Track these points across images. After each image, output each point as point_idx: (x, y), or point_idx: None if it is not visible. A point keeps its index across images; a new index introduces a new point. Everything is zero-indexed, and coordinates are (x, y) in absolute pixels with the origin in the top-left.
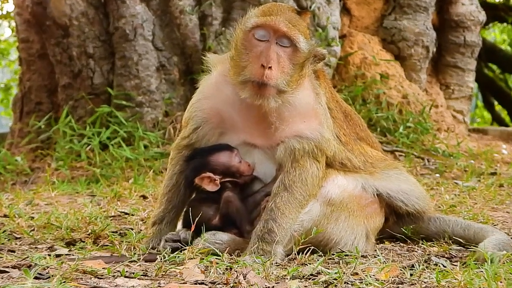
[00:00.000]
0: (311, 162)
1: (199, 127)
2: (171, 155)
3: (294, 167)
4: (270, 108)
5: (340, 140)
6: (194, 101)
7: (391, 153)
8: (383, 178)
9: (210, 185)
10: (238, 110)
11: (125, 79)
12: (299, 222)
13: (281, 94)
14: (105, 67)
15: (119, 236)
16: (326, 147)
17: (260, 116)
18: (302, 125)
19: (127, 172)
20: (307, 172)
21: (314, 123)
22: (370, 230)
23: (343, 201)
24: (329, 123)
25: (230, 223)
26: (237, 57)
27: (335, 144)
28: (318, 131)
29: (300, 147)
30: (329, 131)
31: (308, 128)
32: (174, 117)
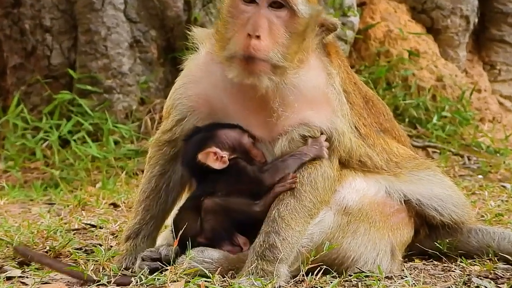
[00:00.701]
0: (321, 160)
1: (184, 118)
2: (149, 153)
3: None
4: (264, 88)
5: (359, 132)
6: (177, 86)
7: (423, 149)
8: (412, 181)
9: (216, 163)
10: (232, 96)
11: (90, 59)
12: (308, 235)
13: (278, 71)
14: (66, 44)
15: (85, 253)
16: (340, 141)
17: (258, 102)
18: (309, 112)
19: (93, 175)
20: (317, 172)
21: (325, 111)
22: (396, 245)
23: (363, 210)
24: (344, 110)
25: (221, 236)
26: (222, 27)
27: (352, 137)
28: (330, 120)
29: (309, 133)
30: (345, 121)
31: (318, 116)
32: (152, 105)
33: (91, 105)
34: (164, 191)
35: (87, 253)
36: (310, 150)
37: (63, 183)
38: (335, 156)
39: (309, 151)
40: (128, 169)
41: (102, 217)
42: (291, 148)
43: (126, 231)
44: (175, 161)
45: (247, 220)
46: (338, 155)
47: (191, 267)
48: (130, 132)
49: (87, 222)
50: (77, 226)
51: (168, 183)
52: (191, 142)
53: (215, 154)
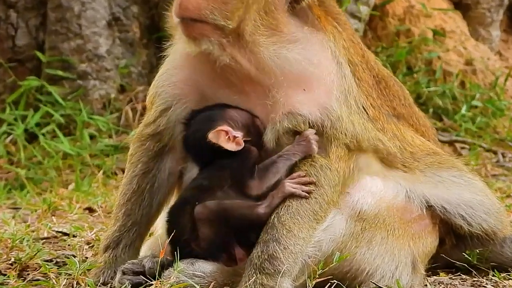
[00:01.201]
0: (320, 152)
1: (169, 108)
2: (131, 150)
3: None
4: (221, 58)
5: (367, 114)
6: (161, 72)
7: (449, 144)
8: (435, 184)
9: (229, 143)
10: (218, 79)
11: (61, 39)
12: (315, 243)
13: (222, 33)
14: (33, 22)
15: (56, 266)
16: (337, 128)
17: (245, 83)
18: (299, 97)
19: (65, 174)
20: (315, 167)
21: (317, 91)
22: (418, 257)
23: (380, 215)
24: (347, 86)
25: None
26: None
27: (356, 119)
28: (322, 105)
29: (296, 126)
30: (345, 100)
31: (307, 102)
32: (133, 93)
33: (63, 93)
34: (148, 193)
35: (58, 265)
36: (298, 148)
37: (30, 184)
38: (333, 146)
39: (297, 149)
40: (105, 168)
41: (76, 224)
42: (280, 143)
43: (104, 240)
44: (161, 158)
45: (249, 226)
46: (340, 143)
47: (180, 281)
48: (108, 125)
49: (58, 230)
50: (47, 234)
51: (153, 184)
52: (196, 121)
53: (226, 133)
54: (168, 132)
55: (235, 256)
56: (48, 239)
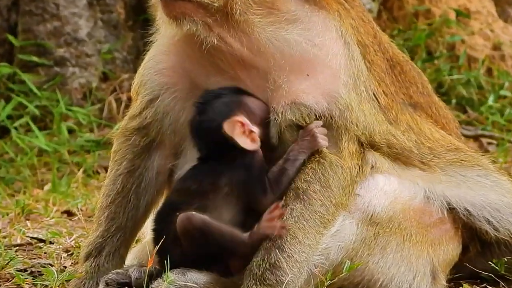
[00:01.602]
0: (330, 148)
1: (156, 98)
2: (115, 146)
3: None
4: (208, 39)
5: (378, 102)
6: (148, 58)
7: (474, 139)
8: (457, 183)
9: (243, 138)
10: (210, 65)
11: (36, 21)
12: (323, 251)
13: (211, 12)
14: (4, 1)
15: (31, 277)
16: (347, 117)
17: (241, 68)
18: (303, 84)
19: (40, 173)
20: (324, 166)
21: (322, 76)
22: (439, 266)
23: (394, 218)
24: (356, 69)
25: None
26: None
27: (367, 107)
28: (328, 92)
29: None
30: (354, 85)
31: (312, 88)
32: (117, 82)
33: (38, 81)
34: (134, 194)
35: (33, 276)
36: (303, 145)
37: (1, 184)
38: (344, 140)
39: (302, 147)
40: (86, 166)
41: (53, 229)
42: (283, 139)
43: (85, 247)
44: (148, 155)
45: (228, 252)
46: (352, 136)
47: None
48: (89, 118)
49: (33, 236)
50: (20, 240)
51: (139, 183)
52: (212, 106)
53: (243, 125)
54: (155, 125)
55: (230, 267)
56: (21, 246)
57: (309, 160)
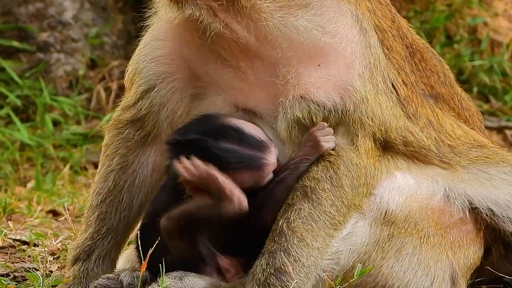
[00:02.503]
0: (343, 144)
1: (152, 88)
2: (106, 139)
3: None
4: (213, 26)
5: (397, 93)
6: (143, 44)
7: (498, 131)
8: (480, 181)
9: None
10: (215, 56)
11: (17, 3)
12: (333, 255)
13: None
14: None
15: (14, 282)
16: (363, 112)
17: (245, 58)
18: (313, 76)
19: (23, 170)
20: (338, 164)
21: (335, 67)
22: (459, 270)
23: (410, 218)
24: (370, 59)
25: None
26: None
27: (384, 100)
28: (342, 85)
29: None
30: (370, 77)
31: (323, 81)
32: (106, 69)
33: (19, 69)
34: (127, 192)
35: (17, 281)
36: (305, 151)
37: None
38: (360, 137)
39: (304, 153)
40: (73, 162)
41: (37, 231)
42: (294, 135)
43: (73, 250)
44: (142, 150)
45: (223, 227)
46: (368, 132)
47: None
48: (76, 109)
49: (16, 238)
50: (2, 243)
51: (133, 181)
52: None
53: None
54: (151, 117)
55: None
56: (3, 249)
57: (321, 157)
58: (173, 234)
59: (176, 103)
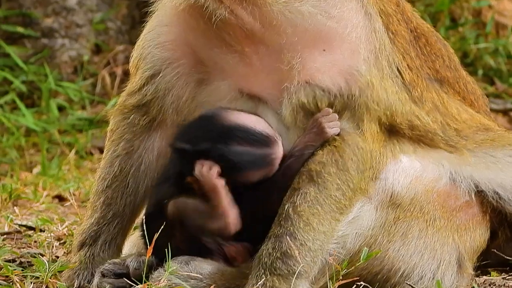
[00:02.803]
0: (349, 128)
1: (157, 74)
2: (111, 124)
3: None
4: (218, 12)
5: (402, 78)
6: (148, 29)
7: (503, 113)
8: (486, 164)
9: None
10: (221, 41)
11: None
12: (339, 239)
13: None
14: None
15: (20, 267)
16: (369, 97)
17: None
18: (318, 61)
19: (28, 155)
20: (345, 148)
21: (339, 52)
22: (465, 253)
23: (416, 200)
24: (376, 44)
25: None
26: None
27: (390, 85)
28: (347, 69)
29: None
30: (376, 61)
31: (328, 66)
32: (111, 55)
33: (24, 55)
34: (133, 177)
35: (23, 266)
36: (310, 138)
37: None
38: (366, 121)
39: (309, 139)
40: (78, 147)
41: (43, 216)
42: (299, 120)
43: (79, 235)
44: (148, 135)
45: (210, 233)
46: (373, 116)
47: (172, 285)
48: (81, 94)
49: (22, 223)
50: (8, 228)
51: (138, 166)
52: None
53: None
54: (156, 103)
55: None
56: (9, 235)
57: (326, 141)
58: (178, 222)
59: (181, 89)
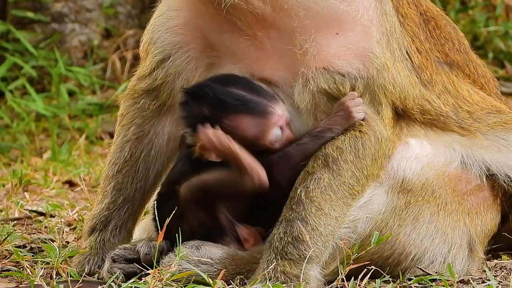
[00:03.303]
0: (371, 114)
1: (167, 58)
2: (122, 109)
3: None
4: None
5: (411, 61)
6: (158, 14)
7: None
8: (497, 148)
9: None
10: (230, 25)
11: None
12: (350, 223)
13: None
14: None
15: (31, 253)
16: (384, 79)
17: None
18: (332, 45)
19: (39, 140)
20: (370, 135)
21: (353, 35)
22: (476, 237)
23: (427, 185)
24: (387, 26)
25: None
26: None
27: (401, 68)
28: (362, 52)
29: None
30: (387, 43)
31: (343, 49)
32: (121, 39)
33: (34, 40)
34: (143, 162)
35: (33, 252)
36: (335, 121)
37: None
38: (384, 106)
39: (334, 123)
40: (88, 132)
41: (54, 201)
42: (323, 105)
43: (89, 220)
44: (158, 120)
45: (244, 199)
46: (389, 100)
47: (183, 270)
48: (91, 79)
49: (32, 209)
50: (18, 214)
51: (149, 151)
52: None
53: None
54: (166, 87)
55: (241, 236)
56: (20, 220)
57: (351, 127)
58: (191, 203)
59: (191, 73)
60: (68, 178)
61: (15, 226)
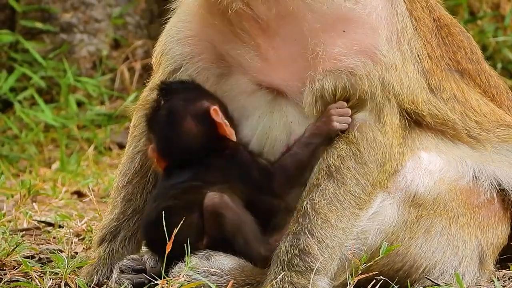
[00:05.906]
0: (370, 121)
1: (179, 69)
2: (134, 120)
3: (340, 134)
4: (233, 4)
5: (421, 65)
6: (170, 26)
7: None
8: (508, 162)
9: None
10: (238, 36)
11: None
12: (359, 235)
13: None
14: None
15: (39, 264)
16: (392, 78)
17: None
18: (338, 44)
19: (47, 151)
20: (364, 140)
21: (360, 32)
22: (487, 250)
23: (439, 199)
24: (398, 26)
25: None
26: None
27: (411, 69)
28: (369, 49)
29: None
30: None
31: (349, 47)
32: (130, 49)
33: (43, 50)
34: (154, 174)
35: (42, 262)
36: (318, 127)
37: (4, 163)
38: (386, 111)
39: (317, 129)
40: (97, 142)
41: (62, 212)
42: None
43: (98, 231)
44: None
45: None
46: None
47: (192, 281)
48: (99, 89)
49: (41, 219)
50: (27, 224)
51: None
52: (177, 96)
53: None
54: None
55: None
56: (28, 231)
57: (344, 134)
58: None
59: (202, 83)
60: (77, 189)
61: (23, 237)
